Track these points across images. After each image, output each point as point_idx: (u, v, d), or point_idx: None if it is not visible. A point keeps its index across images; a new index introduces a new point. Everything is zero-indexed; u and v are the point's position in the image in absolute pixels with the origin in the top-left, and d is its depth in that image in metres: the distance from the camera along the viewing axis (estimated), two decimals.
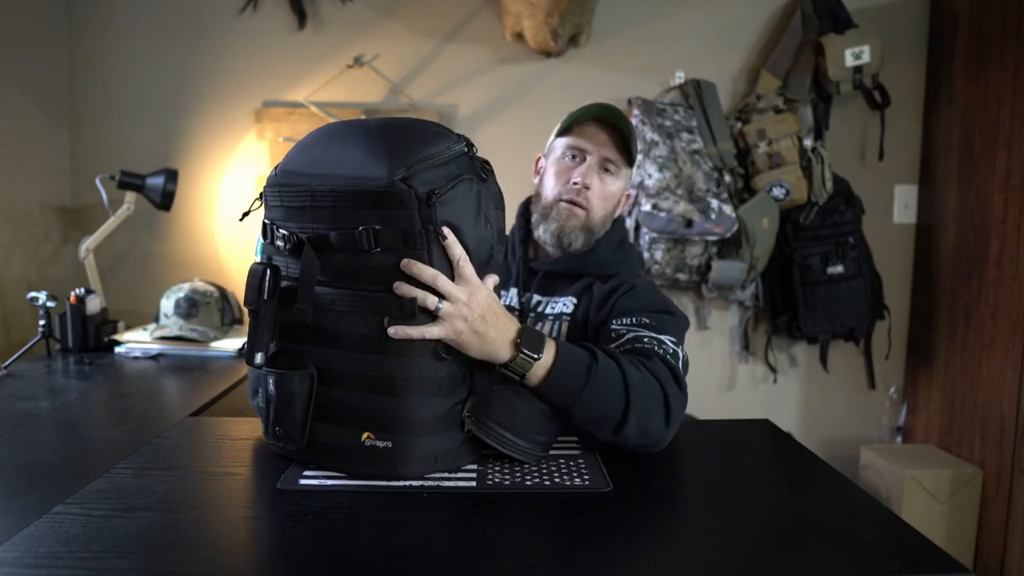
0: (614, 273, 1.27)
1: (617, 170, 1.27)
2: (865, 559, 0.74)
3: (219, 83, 2.44)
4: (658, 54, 2.46)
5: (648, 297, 1.21)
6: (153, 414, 1.32)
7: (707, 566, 0.73)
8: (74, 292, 1.93)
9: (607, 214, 1.28)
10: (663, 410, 0.99)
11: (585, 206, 1.24)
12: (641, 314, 1.15)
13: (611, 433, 0.98)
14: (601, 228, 1.28)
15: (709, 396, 2.58)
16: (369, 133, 0.90)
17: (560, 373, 0.95)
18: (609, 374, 0.96)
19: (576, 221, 1.24)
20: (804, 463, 1.03)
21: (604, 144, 1.25)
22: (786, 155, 2.31)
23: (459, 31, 2.45)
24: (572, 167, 1.26)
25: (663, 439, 1.01)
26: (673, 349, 1.09)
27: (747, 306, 2.48)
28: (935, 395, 2.45)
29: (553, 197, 1.27)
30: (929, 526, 2.17)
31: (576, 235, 1.25)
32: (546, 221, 1.26)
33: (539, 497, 0.88)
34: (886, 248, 2.52)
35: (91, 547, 0.72)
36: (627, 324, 1.13)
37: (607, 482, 0.92)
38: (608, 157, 1.25)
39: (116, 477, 0.91)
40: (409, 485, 0.89)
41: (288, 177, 0.92)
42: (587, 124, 1.26)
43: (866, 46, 2.29)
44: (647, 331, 1.10)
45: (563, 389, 0.95)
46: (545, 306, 1.27)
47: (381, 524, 0.80)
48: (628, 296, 1.20)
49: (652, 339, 1.09)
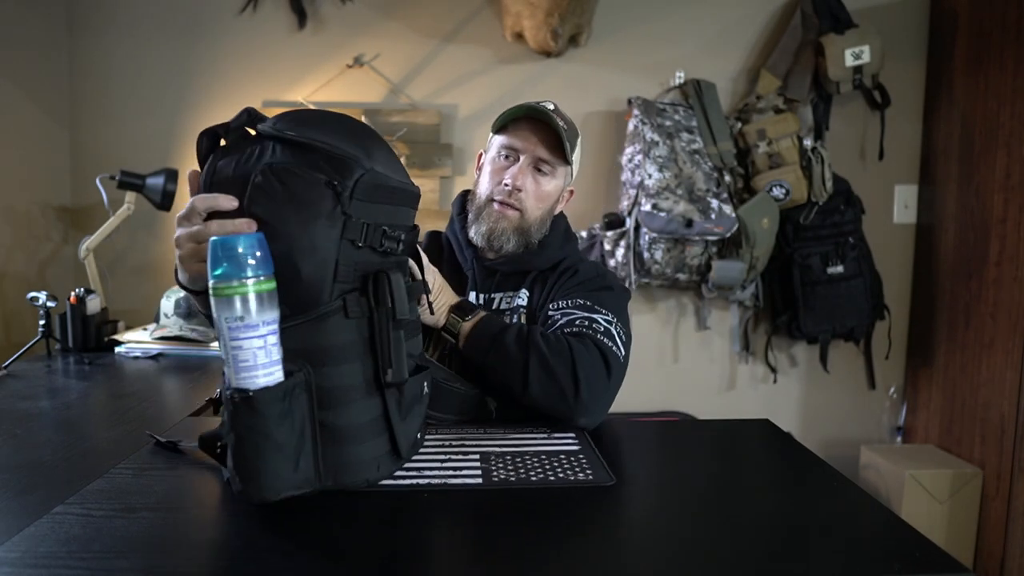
0: (560, 260, 1.28)
1: (552, 169, 1.24)
2: (865, 559, 0.74)
3: (219, 83, 2.44)
4: (658, 54, 2.46)
5: (588, 276, 1.24)
6: (153, 414, 1.32)
7: (707, 566, 0.73)
8: (74, 292, 1.93)
9: (543, 214, 1.26)
10: (570, 375, 1.04)
11: (518, 207, 1.22)
12: (577, 294, 1.18)
13: (520, 392, 1.06)
14: (538, 229, 1.26)
15: (709, 396, 2.58)
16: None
17: (477, 334, 1.08)
18: (515, 338, 1.06)
19: (507, 223, 1.23)
20: (804, 463, 1.03)
21: (537, 144, 1.22)
22: (786, 155, 2.31)
23: (459, 31, 2.45)
24: (505, 167, 1.24)
25: (577, 409, 1.05)
26: (605, 327, 1.12)
27: (747, 306, 2.48)
28: (935, 395, 2.45)
29: (486, 197, 1.25)
30: (929, 526, 2.17)
31: (508, 237, 1.23)
32: (478, 222, 1.25)
33: (545, 492, 0.88)
34: (886, 248, 2.52)
35: (91, 547, 0.72)
36: (562, 308, 1.17)
37: (610, 476, 0.93)
38: (542, 157, 1.22)
39: (116, 477, 0.91)
40: (415, 484, 0.89)
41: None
42: (522, 122, 1.23)
43: (866, 46, 2.29)
44: (579, 312, 1.14)
45: (476, 348, 1.08)
46: (505, 303, 1.27)
47: (384, 523, 0.80)
48: (569, 281, 1.23)
49: (583, 319, 1.12)
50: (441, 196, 2.48)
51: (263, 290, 0.73)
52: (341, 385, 0.80)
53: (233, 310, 0.71)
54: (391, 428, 0.85)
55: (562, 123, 1.22)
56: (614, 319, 1.14)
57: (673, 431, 1.12)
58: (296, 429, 0.77)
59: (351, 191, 0.79)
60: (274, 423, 0.75)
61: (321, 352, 0.79)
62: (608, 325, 1.12)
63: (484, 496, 0.87)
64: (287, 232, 0.77)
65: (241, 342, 0.72)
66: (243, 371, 0.73)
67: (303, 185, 0.77)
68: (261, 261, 0.73)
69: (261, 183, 0.77)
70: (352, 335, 0.81)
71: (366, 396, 0.83)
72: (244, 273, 0.72)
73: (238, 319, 0.71)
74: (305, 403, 0.78)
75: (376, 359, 0.83)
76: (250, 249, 0.72)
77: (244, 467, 0.75)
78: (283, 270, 0.76)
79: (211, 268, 0.72)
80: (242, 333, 0.72)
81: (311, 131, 0.80)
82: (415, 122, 2.42)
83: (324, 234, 0.78)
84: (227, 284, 0.72)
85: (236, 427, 0.74)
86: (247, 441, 0.74)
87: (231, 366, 0.73)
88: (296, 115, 0.83)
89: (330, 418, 0.80)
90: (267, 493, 0.76)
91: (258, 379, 0.73)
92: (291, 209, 0.77)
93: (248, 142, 0.81)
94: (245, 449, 0.75)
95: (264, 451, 0.75)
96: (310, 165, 0.78)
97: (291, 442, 0.76)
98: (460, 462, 0.97)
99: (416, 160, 2.42)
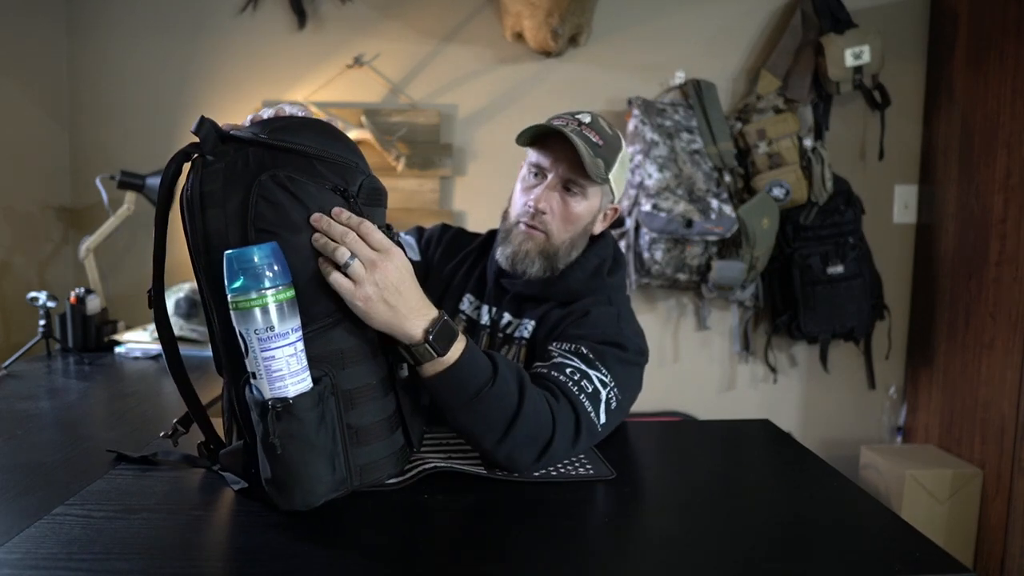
0: (579, 299, 1.16)
1: (582, 190, 1.13)
2: (865, 559, 0.74)
3: (219, 83, 2.44)
4: (658, 54, 2.46)
5: (602, 326, 1.10)
6: (153, 414, 1.32)
7: (707, 565, 0.73)
8: (74, 292, 1.93)
9: (573, 236, 1.15)
10: (540, 450, 0.93)
11: (543, 229, 1.13)
12: (583, 342, 1.05)
13: (478, 447, 0.93)
14: (567, 252, 1.15)
15: (709, 396, 2.58)
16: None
17: (454, 376, 0.88)
18: (501, 397, 0.90)
19: (531, 245, 1.14)
20: (804, 463, 1.03)
21: (564, 161, 1.11)
22: (786, 155, 2.31)
23: (459, 31, 2.45)
24: (533, 186, 1.15)
25: (528, 471, 0.94)
26: (594, 388, 1.00)
27: (747, 306, 2.48)
28: (935, 395, 2.45)
29: (514, 218, 1.17)
30: (929, 526, 2.17)
31: (531, 260, 1.14)
32: (504, 244, 1.17)
33: (548, 487, 0.90)
34: (886, 248, 2.52)
35: (91, 548, 0.72)
36: (562, 350, 1.05)
37: (610, 470, 0.95)
38: (570, 177, 1.12)
39: (116, 478, 0.91)
40: (420, 480, 0.89)
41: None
42: (552, 137, 1.11)
43: (866, 46, 2.29)
44: (577, 361, 1.02)
45: (450, 392, 0.89)
46: (514, 328, 1.19)
47: (386, 522, 0.80)
48: (578, 324, 1.10)
49: (576, 371, 1.00)
50: (441, 196, 2.47)
51: (284, 299, 0.74)
52: (361, 385, 0.82)
53: (262, 321, 0.72)
54: (404, 422, 0.87)
55: (597, 138, 1.11)
56: (611, 382, 1.02)
57: (673, 431, 1.12)
58: (330, 432, 0.78)
59: (356, 196, 0.80)
60: (313, 428, 0.76)
61: (340, 356, 0.80)
62: (600, 388, 1.00)
63: (489, 491, 0.87)
64: (300, 241, 0.77)
65: (273, 352, 0.73)
66: (277, 380, 0.73)
67: (313, 193, 0.78)
68: (279, 270, 0.74)
69: (266, 194, 0.76)
70: (365, 336, 0.83)
71: (383, 394, 0.84)
72: (262, 284, 0.72)
73: (268, 329, 0.72)
74: (334, 406, 0.79)
75: (386, 357, 0.84)
76: (266, 260, 0.73)
77: (287, 474, 0.76)
78: (300, 278, 0.77)
79: (228, 282, 0.73)
80: (273, 343, 0.73)
81: (300, 138, 0.80)
82: (415, 122, 2.42)
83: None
84: (246, 297, 0.72)
85: (277, 436, 0.74)
86: (289, 449, 0.75)
87: (263, 377, 0.73)
88: (273, 122, 0.82)
89: (354, 419, 0.81)
90: (311, 498, 0.77)
91: (291, 387, 0.74)
92: (302, 218, 0.77)
93: (228, 151, 0.79)
94: (287, 457, 0.75)
95: (308, 457, 0.76)
96: (312, 173, 0.78)
97: (328, 446, 0.78)
98: (462, 458, 0.97)
99: (416, 160, 2.42)
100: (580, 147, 1.07)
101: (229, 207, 0.77)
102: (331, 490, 0.79)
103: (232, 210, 0.77)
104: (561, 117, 1.15)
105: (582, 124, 1.12)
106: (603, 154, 1.12)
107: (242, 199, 0.77)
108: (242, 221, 0.76)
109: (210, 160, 0.79)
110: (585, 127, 1.12)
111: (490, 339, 1.21)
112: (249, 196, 0.76)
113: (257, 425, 0.76)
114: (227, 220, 0.77)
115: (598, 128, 1.13)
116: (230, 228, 0.77)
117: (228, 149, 0.79)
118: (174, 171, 0.81)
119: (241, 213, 0.76)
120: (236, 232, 0.76)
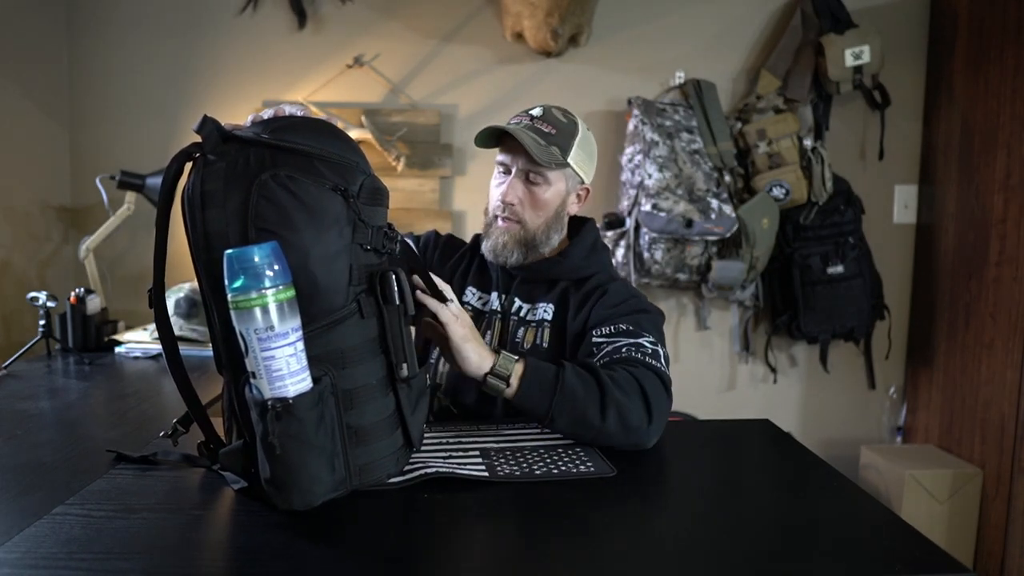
0: (588, 276, 1.27)
1: (541, 178, 1.22)
2: (865, 559, 0.74)
3: (219, 83, 2.44)
4: (658, 54, 2.46)
5: (621, 299, 1.21)
6: (153, 414, 1.32)
7: (707, 565, 0.73)
8: (74, 292, 1.93)
9: (547, 220, 1.25)
10: (643, 405, 1.03)
11: (517, 219, 1.23)
12: (617, 320, 1.16)
13: (593, 433, 1.02)
14: (544, 236, 1.25)
15: (709, 396, 2.58)
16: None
17: (528, 387, 1.01)
18: (578, 379, 1.02)
19: (508, 237, 1.24)
20: (804, 463, 1.03)
21: (522, 154, 1.20)
22: (786, 155, 2.31)
23: (459, 31, 2.45)
24: (502, 182, 1.25)
25: (648, 435, 1.04)
26: (652, 349, 1.12)
27: (747, 306, 2.48)
28: (935, 395, 2.45)
29: (491, 213, 1.27)
30: (929, 526, 2.17)
31: (510, 250, 1.24)
32: (486, 238, 1.27)
33: (550, 485, 0.90)
34: (886, 248, 2.52)
35: (91, 548, 0.72)
36: (605, 335, 1.15)
37: (610, 467, 0.95)
38: (528, 168, 1.21)
39: (116, 478, 0.91)
40: (422, 480, 0.89)
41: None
42: (508, 135, 1.21)
43: (866, 46, 2.29)
44: (624, 338, 1.13)
45: (533, 402, 1.02)
46: (527, 312, 1.27)
47: (387, 522, 0.80)
48: (602, 302, 1.21)
49: (630, 345, 1.11)
50: (441, 196, 2.48)
51: (284, 298, 0.73)
52: (360, 385, 0.82)
53: (262, 320, 0.72)
54: (404, 422, 0.87)
55: (549, 128, 1.21)
56: (657, 341, 1.14)
57: (673, 431, 1.12)
58: (329, 433, 0.78)
59: (356, 196, 0.80)
60: (312, 428, 0.76)
61: (340, 355, 0.80)
62: (654, 347, 1.12)
63: (489, 491, 0.87)
64: (301, 241, 0.77)
65: (273, 351, 0.73)
66: (277, 380, 0.73)
67: (314, 193, 0.78)
68: (279, 270, 0.73)
69: (267, 193, 0.76)
70: (366, 335, 0.83)
71: (383, 394, 0.84)
72: (262, 283, 0.72)
73: (268, 329, 0.72)
74: (333, 406, 0.79)
75: (387, 356, 0.85)
76: (266, 259, 0.73)
77: (286, 474, 0.76)
78: (300, 278, 0.76)
79: (228, 281, 0.73)
80: (273, 343, 0.73)
81: (301, 138, 0.80)
82: (415, 122, 2.42)
83: (338, 240, 0.79)
84: (246, 296, 0.72)
85: (276, 436, 0.74)
86: (288, 448, 0.75)
87: (263, 377, 0.73)
88: (274, 122, 0.82)
89: (354, 419, 0.81)
90: (310, 498, 0.77)
91: (292, 387, 0.74)
92: (303, 217, 0.77)
93: (229, 150, 0.79)
94: (286, 456, 0.75)
95: (307, 457, 0.76)
96: (312, 172, 0.78)
97: (327, 446, 0.78)
98: (463, 458, 0.98)
99: (416, 160, 2.42)
100: (525, 140, 1.16)
101: (230, 206, 0.77)
102: (330, 490, 0.78)
103: (233, 209, 0.77)
104: (517, 116, 1.25)
105: (534, 118, 1.22)
106: (556, 141, 1.21)
107: (243, 198, 0.76)
108: (243, 220, 0.76)
109: (211, 159, 0.78)
110: (537, 120, 1.22)
111: (502, 323, 1.27)
112: (250, 195, 0.76)
113: (257, 425, 0.76)
114: (228, 219, 0.77)
115: (550, 119, 1.22)
116: (231, 227, 0.77)
117: (229, 149, 0.79)
118: (176, 170, 0.81)
119: (242, 212, 0.76)
120: (236, 231, 0.76)
